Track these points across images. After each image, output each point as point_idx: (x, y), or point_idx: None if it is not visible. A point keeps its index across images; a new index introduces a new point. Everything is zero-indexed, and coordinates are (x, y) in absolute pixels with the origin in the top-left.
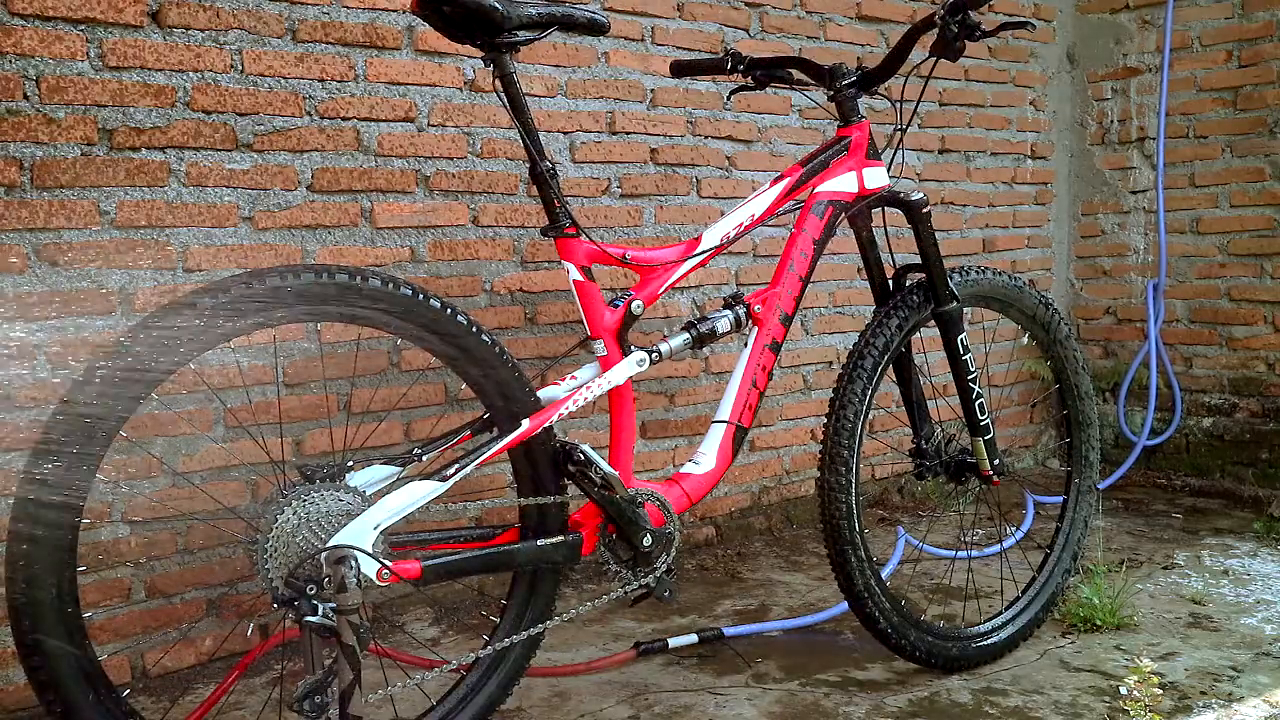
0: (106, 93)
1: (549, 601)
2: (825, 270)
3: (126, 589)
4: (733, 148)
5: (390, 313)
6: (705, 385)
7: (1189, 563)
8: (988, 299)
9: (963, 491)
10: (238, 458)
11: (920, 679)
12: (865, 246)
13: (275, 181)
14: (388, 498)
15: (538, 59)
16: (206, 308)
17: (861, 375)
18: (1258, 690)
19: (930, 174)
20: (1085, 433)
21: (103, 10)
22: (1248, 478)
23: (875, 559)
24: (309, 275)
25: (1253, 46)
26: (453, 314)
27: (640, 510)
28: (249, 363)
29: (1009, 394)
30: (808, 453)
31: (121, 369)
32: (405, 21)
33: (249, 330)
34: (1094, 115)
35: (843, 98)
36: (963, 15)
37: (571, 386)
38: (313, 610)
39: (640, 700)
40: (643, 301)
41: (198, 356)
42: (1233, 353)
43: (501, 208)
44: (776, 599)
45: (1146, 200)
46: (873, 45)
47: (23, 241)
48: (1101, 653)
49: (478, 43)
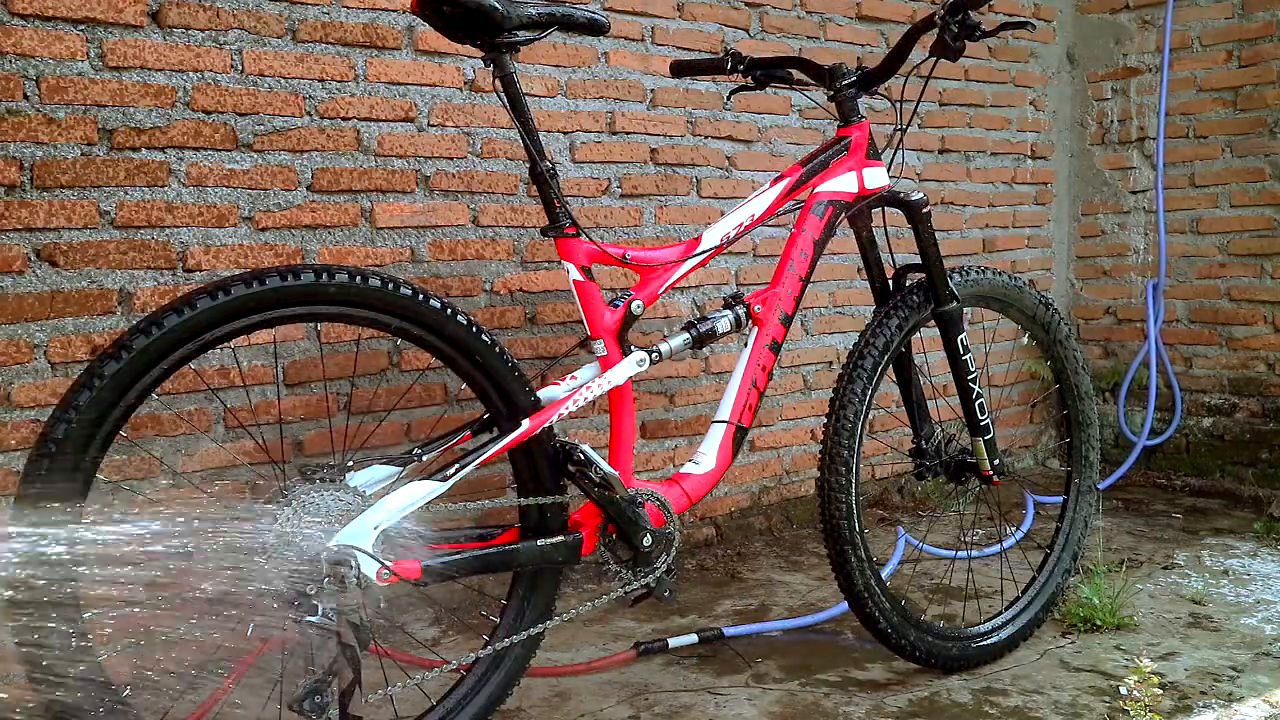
0: (106, 93)
1: (549, 601)
2: (825, 270)
3: None
4: (733, 148)
5: (390, 313)
6: (705, 385)
7: (1189, 563)
8: (988, 299)
9: (963, 491)
10: (238, 458)
11: (920, 679)
12: (865, 246)
13: (275, 181)
14: (388, 498)
15: (538, 59)
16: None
17: (861, 375)
18: (1258, 690)
19: (930, 174)
20: (1085, 433)
21: (103, 10)
22: (1248, 478)
23: (875, 559)
24: (308, 275)
25: (1253, 46)
26: (452, 314)
27: (640, 510)
28: (249, 363)
29: (1009, 394)
30: (808, 453)
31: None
32: (405, 21)
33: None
34: (1094, 115)
35: (843, 98)
36: (963, 15)
37: (571, 386)
38: (313, 610)
39: (640, 700)
40: (643, 301)
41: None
42: (1233, 353)
43: (501, 208)
44: (776, 599)
45: (1146, 200)
46: (873, 45)
47: (23, 241)
48: (1101, 653)
49: (478, 43)
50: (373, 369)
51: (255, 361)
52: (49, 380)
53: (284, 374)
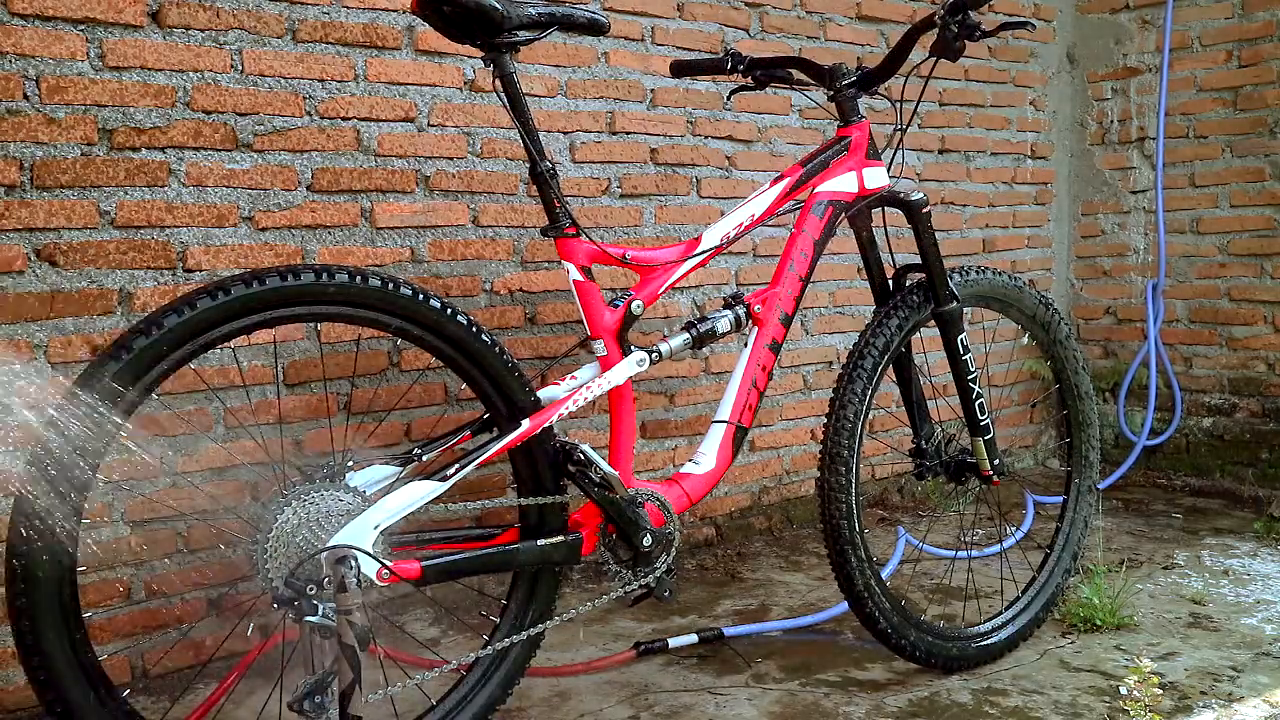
0: (106, 93)
1: (549, 601)
2: (825, 270)
3: (126, 589)
4: (733, 148)
5: (390, 313)
6: (705, 385)
7: (1189, 563)
8: (988, 299)
9: (963, 491)
10: (238, 458)
11: (920, 679)
12: (865, 246)
13: (275, 181)
14: (388, 498)
15: (538, 59)
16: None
17: (861, 375)
18: (1258, 690)
19: (930, 174)
20: (1085, 433)
21: (103, 10)
22: (1248, 478)
23: (875, 559)
24: (309, 275)
25: (1253, 46)
26: (452, 314)
27: (640, 510)
28: (249, 363)
29: (1009, 394)
30: (808, 453)
31: None
32: (405, 21)
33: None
34: (1094, 115)
35: (843, 98)
36: (963, 15)
37: (571, 386)
38: (313, 610)
39: (640, 700)
40: (643, 301)
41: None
42: (1233, 353)
43: (501, 208)
44: (776, 599)
45: (1146, 200)
46: (873, 45)
47: (23, 241)
48: (1101, 653)
49: (478, 43)
50: (373, 369)
51: (255, 361)
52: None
53: (284, 374)
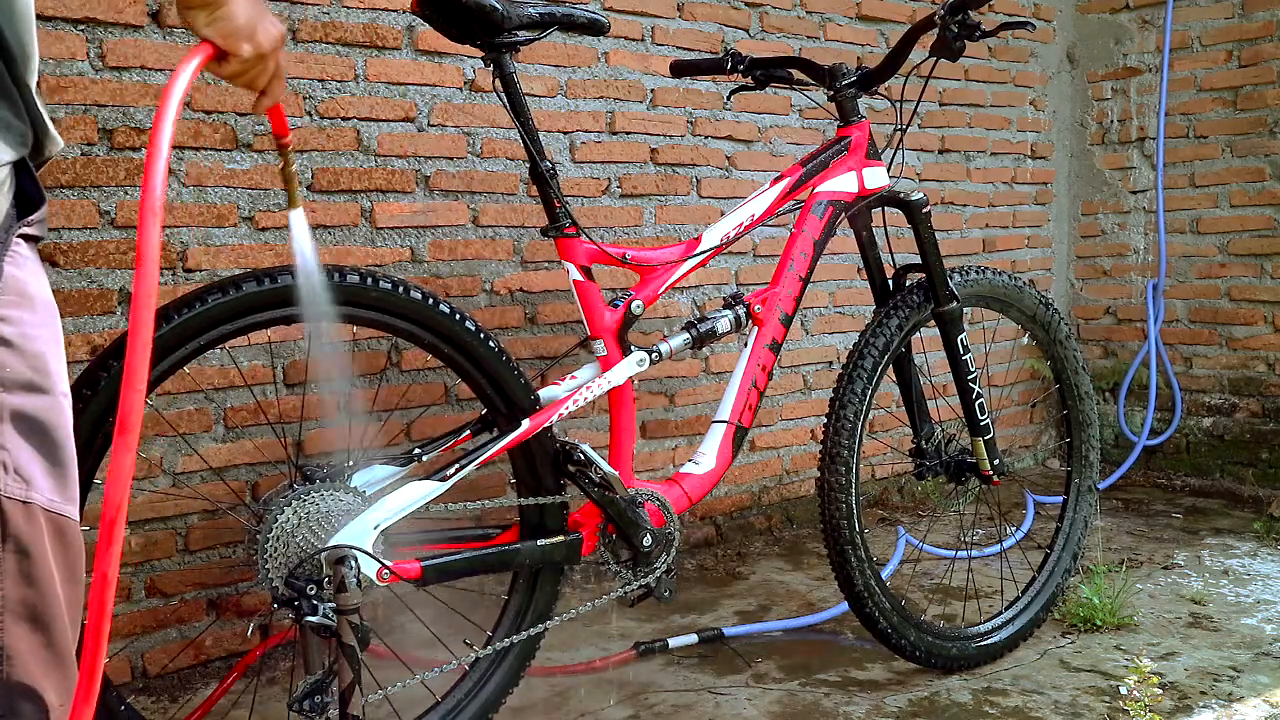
0: (106, 93)
1: (549, 601)
2: (825, 270)
3: (126, 589)
4: (733, 148)
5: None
6: (705, 385)
7: (1189, 563)
8: (988, 299)
9: (963, 491)
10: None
11: (920, 679)
12: (865, 246)
13: (275, 181)
14: (388, 498)
15: (538, 59)
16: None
17: (861, 375)
18: (1258, 690)
19: (930, 174)
20: (1085, 433)
21: (103, 10)
22: (1248, 478)
23: (875, 559)
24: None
25: (1253, 46)
26: (452, 314)
27: (640, 510)
28: (249, 363)
29: (1009, 394)
30: (808, 453)
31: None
32: (405, 21)
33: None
34: (1094, 115)
35: (843, 98)
36: (963, 15)
37: (571, 386)
38: (313, 610)
39: (640, 700)
40: (643, 301)
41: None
42: (1233, 353)
43: (501, 208)
44: (776, 599)
45: (1146, 200)
46: (873, 45)
47: None
48: (1101, 653)
49: (478, 43)
50: (373, 369)
51: (255, 361)
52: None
53: (284, 374)
